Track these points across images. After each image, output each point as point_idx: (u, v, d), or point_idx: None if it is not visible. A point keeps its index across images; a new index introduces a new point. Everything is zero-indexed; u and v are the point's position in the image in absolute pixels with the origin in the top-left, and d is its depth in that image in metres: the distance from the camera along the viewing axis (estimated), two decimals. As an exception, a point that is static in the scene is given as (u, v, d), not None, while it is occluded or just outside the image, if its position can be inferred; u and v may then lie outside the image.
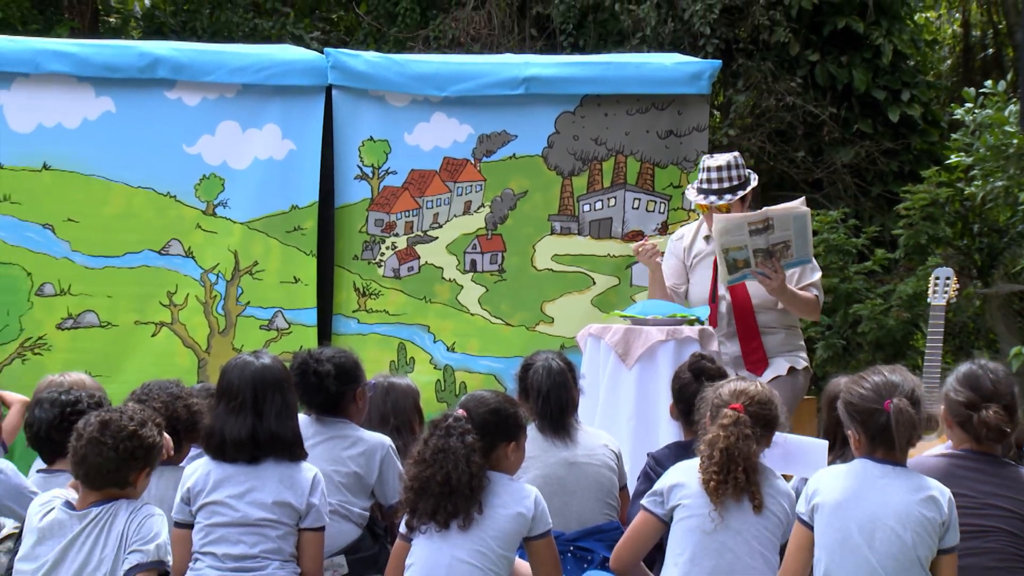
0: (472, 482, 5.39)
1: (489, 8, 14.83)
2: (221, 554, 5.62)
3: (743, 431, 5.41)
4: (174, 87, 9.33)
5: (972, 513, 5.16)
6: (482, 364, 9.38)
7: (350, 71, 9.50)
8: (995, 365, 5.55)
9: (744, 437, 5.40)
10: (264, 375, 5.81)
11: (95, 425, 4.80)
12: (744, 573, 5.34)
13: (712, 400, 5.67)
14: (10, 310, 9.07)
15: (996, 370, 5.48)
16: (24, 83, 9.22)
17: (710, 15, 13.46)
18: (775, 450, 5.66)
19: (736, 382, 5.77)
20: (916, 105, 13.80)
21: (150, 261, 9.19)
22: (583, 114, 9.55)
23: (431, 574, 5.39)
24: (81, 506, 4.78)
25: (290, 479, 5.72)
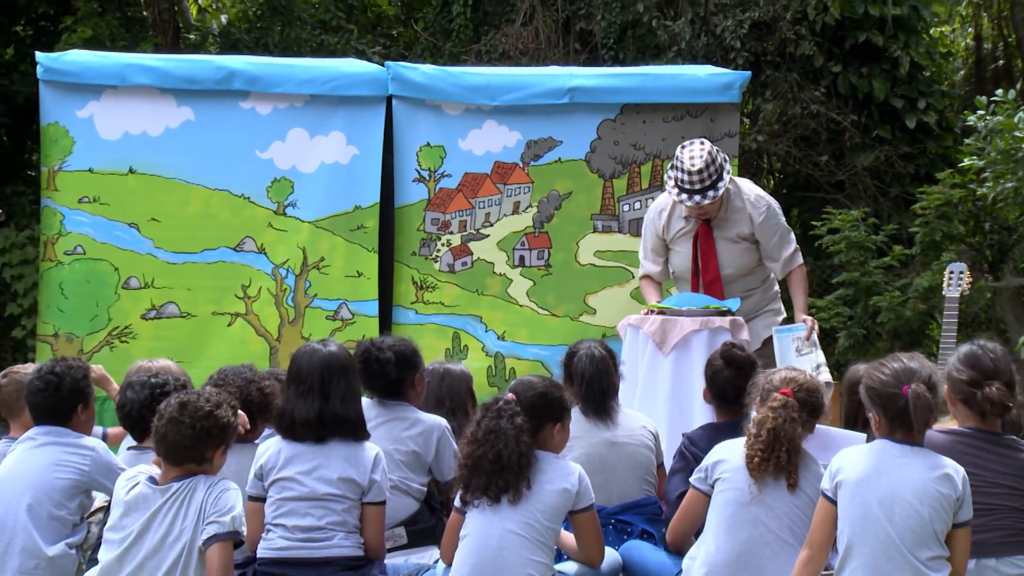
0: (521, 460, 5.40)
1: (536, 24, 14.81)
2: (291, 525, 5.64)
3: (790, 414, 5.42)
4: (248, 97, 9.37)
5: (978, 491, 5.11)
6: (530, 351, 9.38)
7: (409, 82, 9.51)
8: (994, 345, 5.53)
9: (790, 420, 5.42)
10: (330, 361, 5.84)
11: (174, 406, 4.82)
12: (775, 544, 5.34)
13: (763, 385, 5.70)
14: (99, 302, 9.16)
15: (995, 349, 5.46)
16: (112, 94, 9.28)
17: (740, 30, 13.43)
18: (816, 439, 5.64)
19: (787, 370, 5.80)
20: (931, 112, 13.71)
21: (226, 257, 9.25)
22: (623, 121, 9.53)
23: (484, 544, 5.39)
24: (163, 481, 4.79)
25: (354, 457, 5.72)
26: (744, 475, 5.38)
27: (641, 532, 6.13)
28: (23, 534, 5.87)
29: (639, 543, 5.93)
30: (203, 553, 4.64)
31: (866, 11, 13.52)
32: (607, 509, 6.17)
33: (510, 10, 15.13)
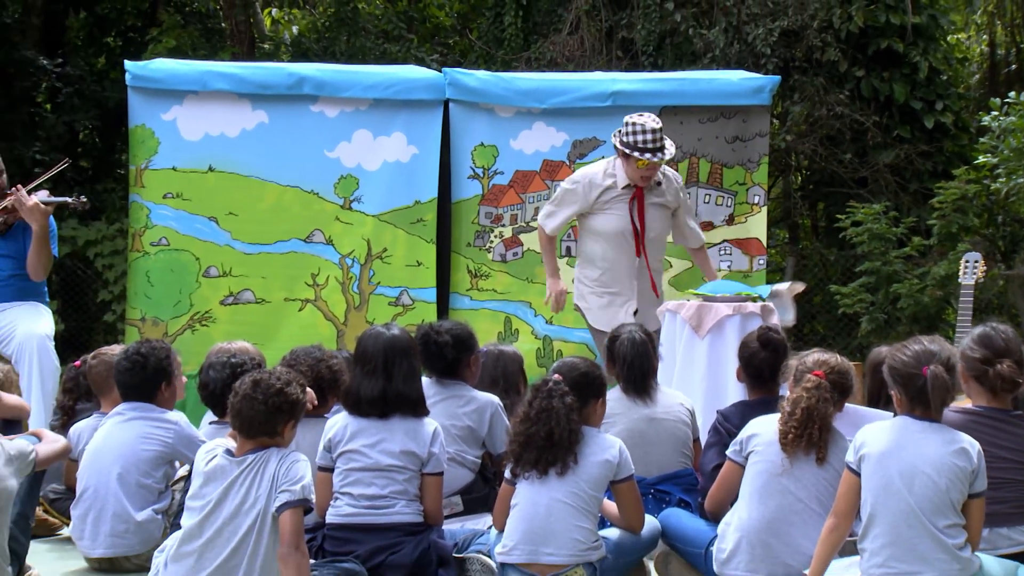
0: (571, 437, 5.41)
1: (581, 33, 14.80)
2: (357, 494, 5.66)
3: (823, 395, 5.40)
4: (317, 101, 9.40)
5: (990, 466, 5.07)
6: (576, 335, 9.36)
7: (464, 87, 9.52)
8: (1005, 327, 5.50)
9: (823, 400, 5.39)
10: (394, 344, 5.86)
11: (248, 384, 4.83)
12: (803, 513, 5.33)
13: (796, 367, 5.68)
14: (182, 289, 9.22)
15: (1006, 331, 5.43)
16: (194, 99, 9.34)
17: (770, 38, 13.40)
18: (846, 417, 5.61)
19: (820, 353, 5.77)
20: (948, 113, 13.67)
21: (297, 248, 9.28)
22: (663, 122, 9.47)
23: (533, 512, 5.39)
24: (239, 453, 4.80)
25: (414, 432, 5.74)
26: (776, 448, 5.37)
27: (679, 501, 6.12)
28: (114, 501, 5.92)
29: (677, 511, 5.92)
30: (276, 519, 4.65)
31: (888, 20, 13.50)
32: (647, 480, 6.16)
33: (557, 20, 15.14)
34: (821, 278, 13.65)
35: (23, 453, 5.05)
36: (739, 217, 9.50)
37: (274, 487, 4.68)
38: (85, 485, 6.03)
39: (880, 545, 4.93)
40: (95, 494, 5.96)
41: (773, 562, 5.31)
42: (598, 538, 5.45)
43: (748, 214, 9.49)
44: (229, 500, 4.72)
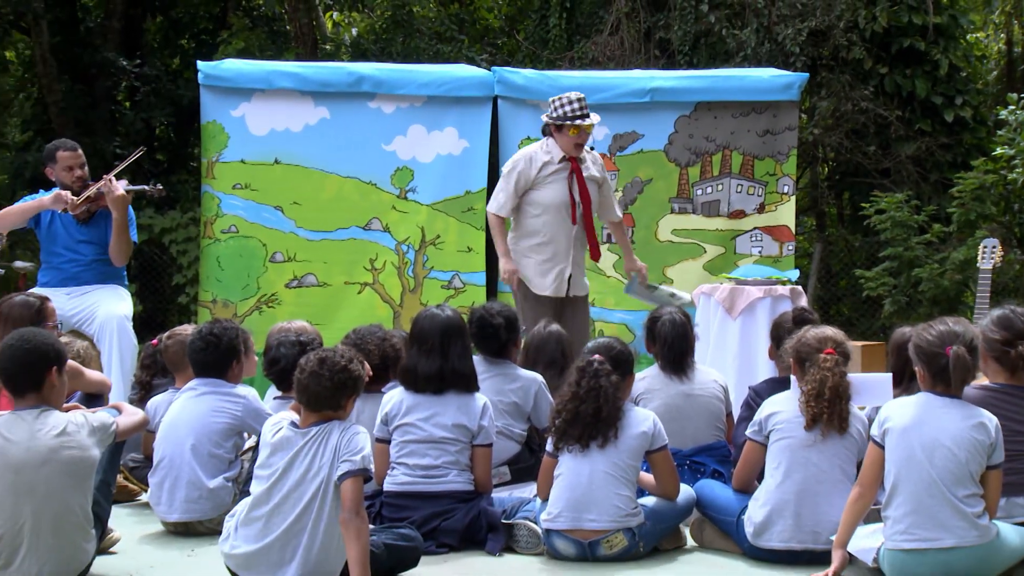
0: (615, 413, 5.45)
1: (621, 34, 14.76)
2: (412, 464, 5.69)
3: (841, 369, 5.43)
4: (375, 98, 9.41)
5: (1008, 439, 5.07)
6: (616, 316, 9.36)
7: (512, 84, 9.51)
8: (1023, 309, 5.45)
9: (842, 374, 5.42)
10: (449, 324, 5.90)
11: (314, 361, 4.84)
12: (828, 483, 5.33)
13: (797, 348, 5.65)
14: (250, 273, 9.27)
15: None
16: (261, 97, 9.37)
17: (799, 37, 13.33)
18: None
19: (814, 330, 5.75)
20: (967, 108, 13.57)
21: (356, 235, 9.31)
22: (696, 117, 9.46)
23: (576, 482, 5.42)
24: (303, 425, 4.81)
25: (465, 406, 5.76)
26: (797, 424, 5.38)
27: (713, 472, 6.12)
28: (188, 470, 5.95)
29: (710, 481, 5.90)
30: (337, 487, 4.66)
31: (910, 20, 13.41)
32: (683, 452, 6.16)
33: (599, 22, 15.11)
34: (846, 263, 13.59)
35: (105, 425, 5.08)
36: (769, 206, 9.46)
37: (336, 457, 4.70)
38: (161, 455, 6.07)
39: (903, 513, 4.94)
40: (171, 463, 6.00)
41: (803, 531, 5.31)
42: (637, 505, 5.47)
43: (778, 203, 9.46)
44: (294, 469, 4.74)
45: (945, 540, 4.86)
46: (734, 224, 9.44)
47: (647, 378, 6.43)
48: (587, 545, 5.40)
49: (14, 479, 4.83)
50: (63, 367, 5.10)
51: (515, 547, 5.63)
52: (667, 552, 5.64)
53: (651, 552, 5.55)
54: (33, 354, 4.97)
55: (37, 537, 4.84)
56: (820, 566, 5.16)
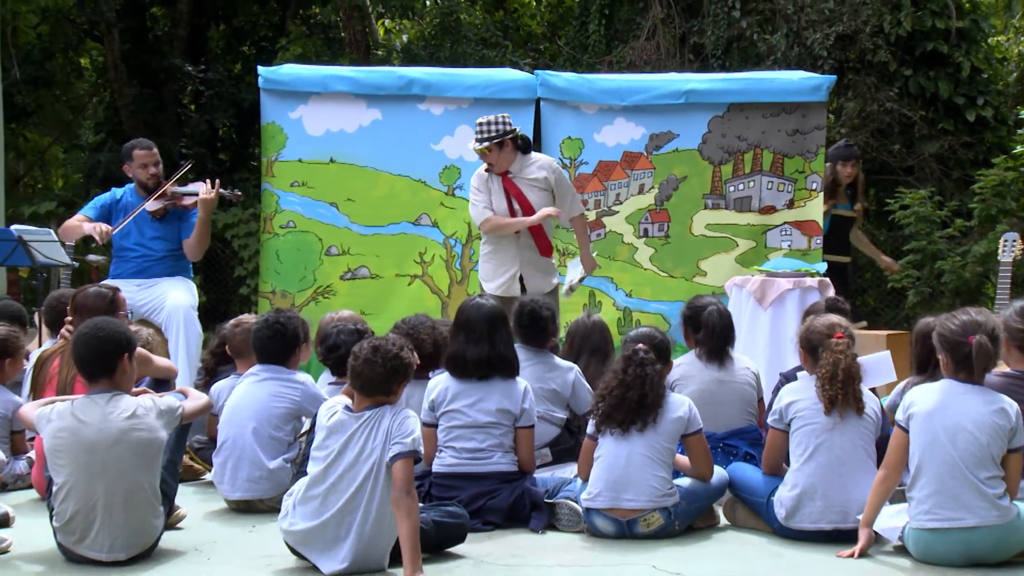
0: (658, 400, 5.46)
1: (658, 39, 14.74)
2: (459, 447, 5.70)
3: (851, 351, 5.42)
4: (424, 101, 9.40)
5: None
6: (652, 307, 9.31)
7: (553, 87, 9.48)
8: None
9: (853, 356, 5.42)
10: (494, 313, 5.92)
11: (368, 349, 4.84)
12: (851, 463, 5.31)
13: (807, 336, 5.68)
14: (307, 266, 9.28)
15: None
16: (317, 99, 9.38)
17: (827, 41, 13.28)
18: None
19: (820, 318, 5.78)
20: (988, 108, 13.47)
21: (407, 230, 9.31)
22: (729, 118, 9.39)
23: (615, 463, 5.43)
24: (357, 409, 4.82)
25: (508, 391, 5.77)
26: (816, 410, 5.37)
27: (744, 454, 6.09)
28: (250, 451, 5.98)
29: (742, 464, 5.88)
30: (389, 468, 4.67)
31: (933, 24, 13.34)
32: (716, 435, 6.13)
33: (636, 28, 15.08)
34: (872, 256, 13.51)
35: (172, 408, 5.12)
36: (798, 202, 9.39)
37: (388, 440, 4.70)
38: (224, 437, 6.10)
39: (927, 494, 4.92)
40: (233, 445, 6.03)
41: (832, 511, 5.29)
42: (672, 486, 5.47)
43: (806, 199, 9.38)
44: (349, 450, 4.75)
45: (967, 520, 4.84)
46: (765, 219, 9.38)
47: (683, 365, 6.41)
48: (625, 523, 5.40)
49: (88, 459, 4.87)
50: (133, 354, 5.15)
51: (557, 525, 5.62)
52: (701, 530, 5.63)
53: (686, 530, 5.54)
54: (106, 342, 5.01)
55: (109, 513, 4.88)
56: (847, 544, 5.14)
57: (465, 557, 5.08)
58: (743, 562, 5.08)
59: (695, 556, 5.16)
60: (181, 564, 5.01)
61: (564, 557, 5.13)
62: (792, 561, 5.08)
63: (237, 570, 4.93)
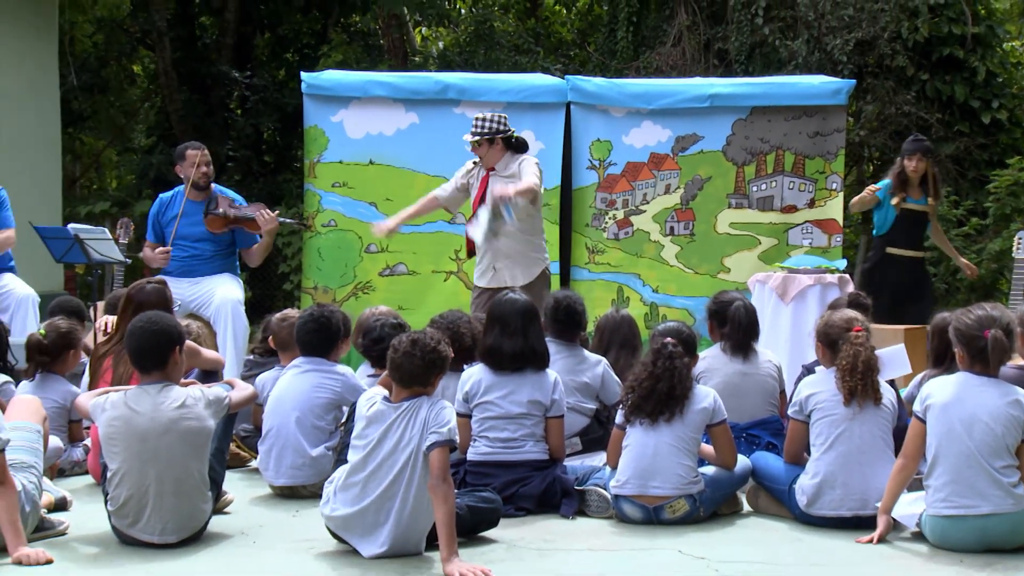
0: (686, 392, 5.46)
1: (683, 45, 14.70)
2: (492, 437, 5.70)
3: (871, 344, 5.41)
4: (459, 105, 9.41)
5: None
6: (678, 302, 9.29)
7: (583, 91, 9.48)
8: None
9: (872, 349, 5.40)
10: (527, 308, 5.91)
11: (407, 342, 4.84)
12: (870, 452, 5.29)
13: (826, 331, 5.65)
14: (347, 263, 9.32)
15: None
16: (357, 104, 9.41)
17: (846, 47, 13.23)
18: None
19: (836, 313, 5.76)
20: (1003, 111, 13.42)
21: (443, 228, 9.31)
22: (752, 120, 9.37)
23: (643, 452, 5.41)
24: (395, 400, 4.82)
25: (539, 383, 5.76)
26: (835, 401, 5.34)
27: (767, 444, 6.06)
28: (293, 439, 5.99)
29: (765, 453, 5.85)
30: (426, 456, 4.67)
31: (950, 30, 13.30)
32: (740, 425, 6.10)
33: (662, 35, 15.05)
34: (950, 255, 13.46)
35: (219, 398, 5.14)
36: (819, 201, 9.36)
37: (425, 429, 4.70)
38: (269, 426, 6.11)
39: (943, 483, 4.89)
40: (277, 433, 6.04)
41: (851, 498, 5.26)
42: (698, 474, 5.45)
43: (827, 198, 9.35)
44: (388, 439, 4.75)
45: (982, 507, 4.80)
46: (786, 218, 9.35)
47: (708, 358, 6.39)
48: (652, 510, 5.38)
49: (140, 447, 4.89)
50: (183, 347, 5.17)
51: (586, 511, 5.61)
52: (725, 516, 5.61)
53: (711, 516, 5.51)
54: (160, 335, 5.04)
55: (160, 498, 4.90)
56: (866, 530, 5.12)
57: (498, 541, 5.07)
58: (766, 547, 5.06)
59: (719, 541, 5.14)
60: (229, 547, 5.03)
61: (593, 542, 5.12)
62: (813, 547, 5.05)
63: (281, 553, 4.94)
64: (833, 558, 4.87)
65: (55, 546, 4.93)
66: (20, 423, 5.21)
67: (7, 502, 4.73)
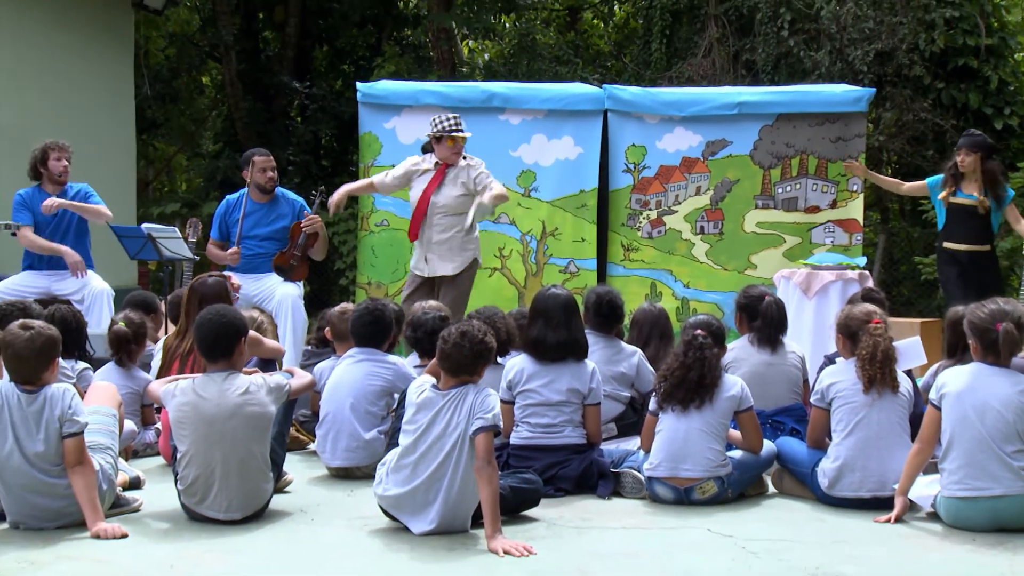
0: (716, 380, 5.43)
1: (713, 56, 14.63)
2: (533, 423, 5.68)
3: (889, 335, 5.37)
4: (504, 112, 9.42)
5: None
6: (707, 296, 9.26)
7: (619, 99, 9.46)
8: None
9: (890, 340, 5.37)
10: (569, 301, 5.87)
11: (456, 334, 4.83)
12: (888, 437, 5.25)
13: (847, 323, 5.61)
14: (398, 260, 9.34)
15: None
16: (409, 111, 9.44)
17: (867, 58, 13.12)
18: None
19: (857, 308, 5.71)
20: (1015, 117, 13.28)
21: (488, 227, 9.30)
22: (778, 126, 9.32)
23: (674, 436, 5.39)
24: (443, 387, 4.82)
25: (578, 373, 5.73)
26: (855, 389, 5.30)
27: (791, 429, 6.02)
28: (348, 424, 6.01)
29: (789, 438, 5.81)
30: (472, 440, 4.67)
31: (965, 42, 13.16)
32: (765, 412, 6.06)
33: (694, 46, 14.98)
34: (907, 251, 13.33)
35: (280, 386, 5.16)
36: (840, 202, 9.29)
37: (471, 415, 4.70)
38: (325, 411, 6.13)
39: (957, 466, 4.86)
40: (333, 418, 6.06)
41: (870, 480, 5.23)
42: (726, 458, 5.42)
43: (848, 200, 9.29)
44: (436, 425, 4.75)
45: (994, 489, 4.77)
46: (810, 218, 9.28)
47: (735, 349, 6.36)
48: (683, 491, 5.36)
49: (207, 430, 4.92)
50: (246, 337, 5.20)
51: (621, 492, 5.59)
52: (752, 497, 5.57)
53: (738, 497, 5.48)
54: (227, 327, 5.07)
55: (226, 478, 4.93)
56: (884, 510, 5.09)
57: (539, 520, 5.06)
58: (790, 526, 5.02)
59: (746, 520, 5.11)
60: (289, 523, 5.05)
61: (628, 520, 5.10)
62: (834, 526, 5.01)
63: (337, 530, 4.95)
64: (853, 536, 4.83)
65: (130, 521, 4.98)
66: (98, 408, 5.26)
67: (86, 481, 4.79)
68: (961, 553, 4.55)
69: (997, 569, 4.32)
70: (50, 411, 4.81)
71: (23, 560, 4.39)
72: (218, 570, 4.30)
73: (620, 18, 19.37)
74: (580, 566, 4.34)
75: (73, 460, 4.78)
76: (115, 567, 4.31)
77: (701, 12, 15.17)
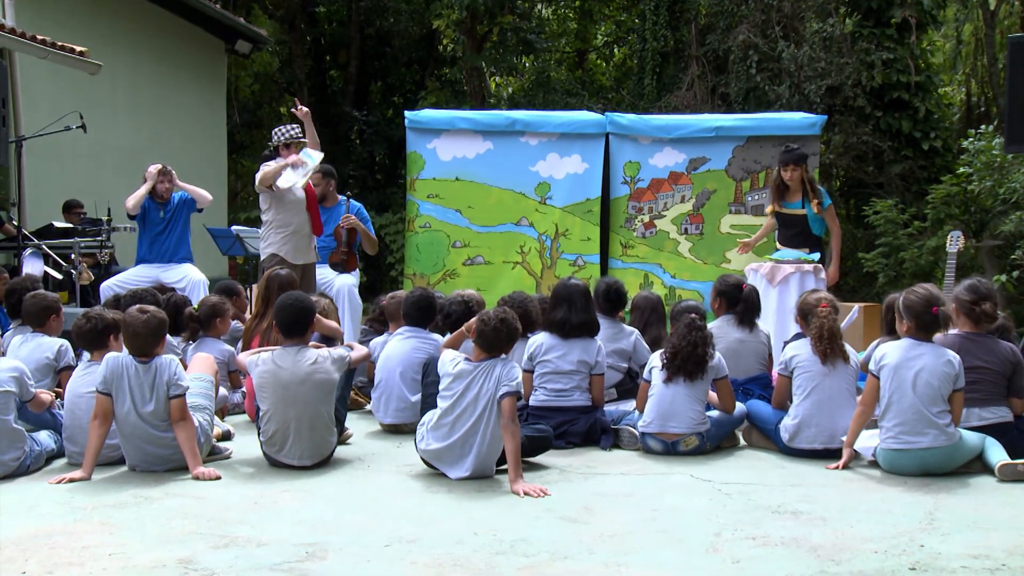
0: (707, 354, 5.41)
1: (695, 90, 14.57)
2: (549, 388, 5.67)
3: (834, 316, 5.38)
4: (524, 135, 9.35)
5: (971, 370, 5.00)
6: (691, 285, 9.17)
7: (618, 124, 9.37)
8: (986, 280, 5.45)
9: (835, 320, 5.37)
10: (586, 289, 5.85)
11: (496, 320, 4.80)
12: (838, 399, 5.25)
13: (801, 308, 5.63)
14: (439, 255, 9.29)
15: (988, 282, 5.36)
16: (447, 135, 9.38)
17: (820, 91, 13.07)
18: None
19: (811, 295, 5.68)
20: (939, 140, 13.33)
21: (511, 229, 9.27)
22: (748, 146, 9.22)
23: (663, 399, 5.39)
24: (476, 359, 4.80)
25: (587, 348, 5.71)
26: (813, 360, 5.30)
27: (759, 395, 5.98)
28: (397, 388, 6.00)
29: (757, 401, 5.77)
30: (499, 403, 4.65)
31: (898, 79, 13.24)
32: (738, 380, 6.03)
33: (679, 81, 14.93)
34: (852, 248, 13.26)
35: (342, 357, 5.15)
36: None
37: (499, 383, 4.68)
38: (379, 378, 6.12)
39: (893, 424, 4.86)
40: (386, 384, 6.05)
41: (823, 434, 5.23)
42: (705, 417, 5.40)
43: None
44: (470, 391, 4.73)
45: (922, 442, 4.78)
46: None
47: (714, 327, 6.29)
48: (670, 444, 5.34)
49: (283, 393, 4.93)
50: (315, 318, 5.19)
51: (620, 444, 5.58)
52: (726, 449, 5.55)
53: (715, 449, 5.47)
54: (304, 311, 5.09)
55: (299, 433, 4.93)
56: (835, 459, 5.10)
57: (552, 468, 5.05)
58: (757, 472, 4.99)
59: (722, 467, 5.09)
60: (350, 469, 5.05)
61: (625, 468, 5.08)
62: (793, 472, 4.98)
63: (389, 475, 4.95)
64: (808, 480, 4.80)
65: (222, 467, 4.99)
66: (198, 375, 5.28)
67: (188, 434, 4.80)
68: (895, 493, 4.53)
69: (925, 507, 4.29)
70: (159, 378, 4.82)
71: (139, 496, 4.42)
72: (293, 506, 4.30)
73: (619, 59, 19.32)
74: (586, 504, 4.32)
75: (177, 417, 4.80)
76: (211, 502, 4.31)
77: (685, 54, 15.18)
